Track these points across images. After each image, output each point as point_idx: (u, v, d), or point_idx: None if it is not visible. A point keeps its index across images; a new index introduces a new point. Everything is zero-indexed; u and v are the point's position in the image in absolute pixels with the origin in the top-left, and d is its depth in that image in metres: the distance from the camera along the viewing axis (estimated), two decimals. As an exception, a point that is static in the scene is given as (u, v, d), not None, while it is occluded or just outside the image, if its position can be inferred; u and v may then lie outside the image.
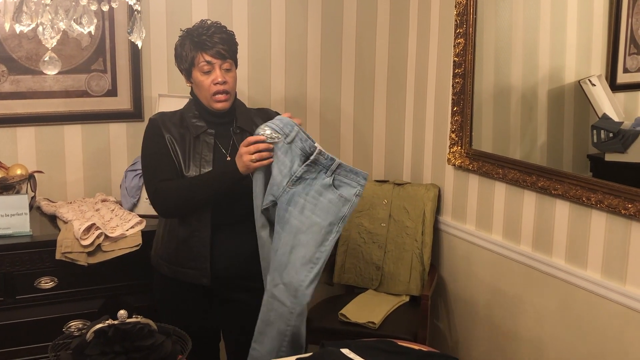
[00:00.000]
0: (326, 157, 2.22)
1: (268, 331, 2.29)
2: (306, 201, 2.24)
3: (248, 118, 2.49)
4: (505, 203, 2.99)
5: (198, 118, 2.43)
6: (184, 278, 2.44)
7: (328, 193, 2.23)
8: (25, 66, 2.95)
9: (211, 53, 2.35)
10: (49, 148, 3.04)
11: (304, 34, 3.39)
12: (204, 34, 2.36)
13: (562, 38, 2.84)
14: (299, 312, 2.26)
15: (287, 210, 2.25)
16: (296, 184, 2.25)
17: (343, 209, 2.24)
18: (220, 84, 2.36)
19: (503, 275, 3.01)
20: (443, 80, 3.30)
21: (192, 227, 2.40)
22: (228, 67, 2.38)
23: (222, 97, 2.38)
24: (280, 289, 2.26)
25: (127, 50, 3.08)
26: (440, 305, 3.44)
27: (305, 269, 2.24)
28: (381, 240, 3.35)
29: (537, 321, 2.85)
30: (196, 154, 2.39)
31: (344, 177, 2.24)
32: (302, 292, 2.24)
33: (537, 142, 2.96)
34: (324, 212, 2.23)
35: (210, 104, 2.40)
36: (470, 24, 3.06)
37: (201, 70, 2.36)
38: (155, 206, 2.40)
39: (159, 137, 2.40)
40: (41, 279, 2.65)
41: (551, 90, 2.87)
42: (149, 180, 2.41)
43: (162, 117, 2.46)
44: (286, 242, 2.24)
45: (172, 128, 2.41)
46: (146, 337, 1.81)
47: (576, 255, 2.66)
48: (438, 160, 3.39)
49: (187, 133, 2.41)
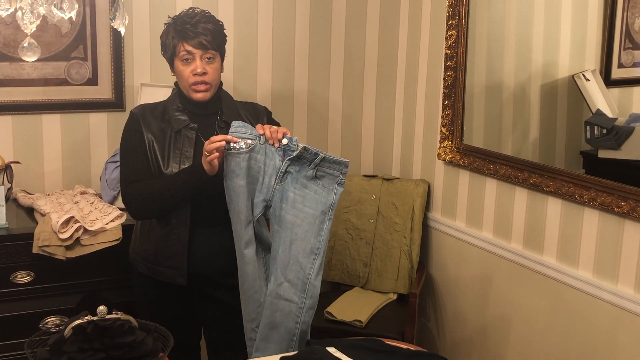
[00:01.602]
0: (310, 152, 2.22)
1: (274, 335, 2.28)
2: (295, 194, 2.25)
3: (234, 111, 2.47)
4: (496, 200, 3.00)
5: (181, 111, 2.42)
6: (160, 277, 2.43)
7: (312, 184, 2.25)
8: (2, 52, 2.92)
9: (192, 43, 2.33)
10: (27, 138, 3.02)
11: (292, 23, 3.38)
12: (188, 22, 2.34)
13: (556, 31, 2.85)
14: (309, 306, 2.28)
15: (281, 207, 2.26)
16: (284, 179, 2.25)
17: (329, 197, 2.26)
18: (199, 75, 2.34)
19: (493, 274, 3.02)
20: (434, 73, 3.30)
21: (170, 225, 2.39)
22: (210, 57, 2.36)
23: (201, 87, 2.37)
24: (285, 287, 2.26)
25: (109, 38, 3.06)
26: (429, 304, 3.45)
27: (309, 261, 2.26)
28: (369, 236, 3.36)
29: (527, 320, 2.86)
30: (176, 149, 2.38)
31: (327, 167, 2.25)
32: (311, 284, 2.26)
33: (529, 138, 2.97)
34: (313, 202, 2.25)
35: (190, 93, 2.39)
36: (463, 15, 3.06)
37: (181, 59, 2.35)
38: (127, 206, 2.40)
39: (137, 133, 2.39)
40: (17, 273, 2.63)
41: (544, 85, 2.89)
42: (121, 181, 2.43)
43: (142, 110, 2.44)
44: (285, 239, 2.25)
45: (152, 122, 2.40)
46: (126, 333, 1.79)
47: (568, 253, 2.67)
48: (428, 155, 3.39)
49: (168, 127, 2.40)
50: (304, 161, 2.24)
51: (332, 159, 2.25)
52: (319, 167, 2.24)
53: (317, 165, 2.24)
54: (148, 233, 2.46)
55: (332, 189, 2.27)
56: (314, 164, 2.23)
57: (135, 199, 2.37)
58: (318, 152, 2.23)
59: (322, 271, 2.29)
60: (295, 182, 2.25)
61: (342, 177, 2.27)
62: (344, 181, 2.27)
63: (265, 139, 2.25)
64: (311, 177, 2.25)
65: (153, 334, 1.86)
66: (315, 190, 2.25)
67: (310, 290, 2.26)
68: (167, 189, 2.33)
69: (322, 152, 2.24)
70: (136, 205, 2.38)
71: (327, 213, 2.26)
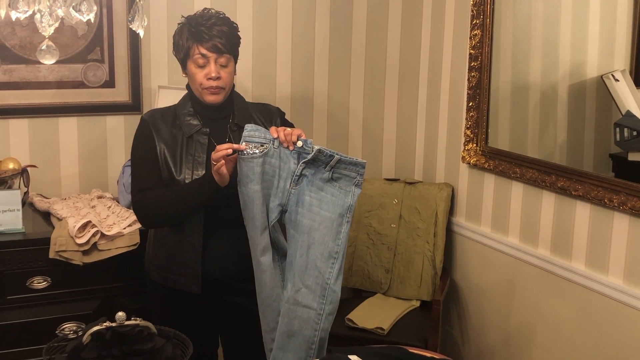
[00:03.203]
0: (325, 154, 2.22)
1: (292, 343, 2.27)
2: (311, 198, 2.25)
3: (246, 114, 2.49)
4: (522, 204, 2.99)
5: (192, 115, 2.43)
6: (174, 285, 2.45)
7: (329, 187, 2.25)
8: (19, 55, 2.97)
9: (207, 46, 2.33)
10: (43, 141, 3.06)
11: (312, 23, 3.40)
12: (203, 24, 2.34)
13: (584, 30, 2.85)
14: (329, 312, 2.27)
15: (297, 211, 2.26)
16: (299, 182, 2.26)
17: (347, 200, 2.25)
18: (214, 80, 2.36)
19: (519, 280, 3.02)
20: (458, 74, 3.30)
21: (183, 232, 2.41)
22: (224, 63, 2.37)
23: (214, 90, 2.38)
24: (304, 292, 2.26)
25: (126, 40, 3.10)
26: (453, 311, 3.45)
27: (328, 265, 2.25)
28: (391, 242, 3.36)
29: (554, 329, 2.85)
30: (189, 155, 2.39)
31: (343, 169, 2.25)
32: (330, 289, 2.26)
33: (556, 140, 2.96)
34: (330, 205, 2.25)
35: (202, 96, 2.40)
36: (488, 14, 3.06)
37: (195, 62, 2.35)
38: (137, 214, 2.43)
39: (148, 140, 2.41)
40: (34, 279, 2.67)
41: (572, 86, 2.88)
42: (132, 188, 2.45)
43: (153, 116, 2.46)
44: (302, 244, 2.25)
45: (163, 129, 2.42)
46: (145, 340, 1.82)
47: (597, 259, 2.66)
48: (452, 158, 3.39)
49: (180, 133, 2.41)
50: (319, 163, 2.24)
51: (348, 160, 2.25)
52: (335, 169, 2.24)
53: (332, 167, 2.23)
54: (161, 240, 2.47)
55: (350, 190, 2.26)
56: (329, 166, 2.23)
57: (145, 208, 2.39)
58: (333, 154, 2.23)
59: (341, 275, 2.28)
60: (311, 185, 2.25)
61: (359, 179, 2.26)
62: (361, 182, 2.27)
63: (279, 142, 2.26)
64: (327, 179, 2.25)
65: (172, 340, 1.89)
66: (332, 193, 2.25)
67: (330, 296, 2.26)
68: (177, 200, 2.34)
69: (337, 154, 2.24)
70: (145, 214, 2.40)
71: (345, 215, 2.26)
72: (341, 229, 2.26)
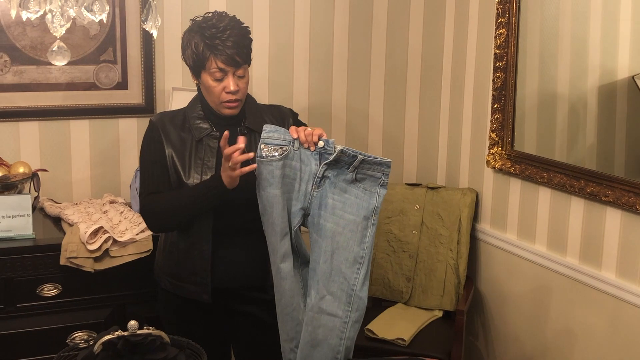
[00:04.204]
0: (348, 154, 2.21)
1: (316, 353, 2.26)
2: (335, 200, 2.24)
3: (258, 117, 2.48)
4: (550, 210, 2.97)
5: (203, 119, 2.43)
6: (184, 293, 2.45)
7: (352, 188, 2.23)
8: (30, 56, 2.99)
9: (224, 59, 2.31)
10: (54, 144, 3.08)
11: (331, 23, 3.40)
12: (218, 37, 2.30)
13: (614, 29, 2.82)
14: (355, 319, 2.25)
15: (320, 215, 2.24)
16: (321, 184, 2.25)
17: (372, 201, 2.23)
18: (233, 93, 2.36)
19: (546, 290, 2.99)
20: (482, 75, 3.29)
21: (192, 239, 2.41)
22: (241, 74, 2.36)
23: (232, 104, 2.38)
24: (328, 300, 2.24)
25: (139, 40, 3.11)
26: (477, 322, 3.43)
27: (353, 271, 2.23)
28: (412, 249, 3.35)
29: (583, 340, 2.83)
30: (198, 159, 2.39)
31: (368, 169, 2.23)
32: (356, 296, 2.24)
33: (586, 144, 2.94)
34: (354, 207, 2.23)
35: (219, 109, 2.40)
36: (513, 13, 3.04)
37: (212, 76, 2.34)
38: (145, 219, 2.43)
39: (157, 144, 2.41)
40: (44, 286, 2.68)
41: (602, 87, 2.85)
42: (140, 192, 2.45)
43: (162, 119, 2.45)
44: (326, 249, 2.23)
45: (172, 132, 2.42)
46: (158, 350, 1.82)
47: (628, 268, 2.63)
48: (476, 162, 3.38)
49: (189, 136, 2.41)
50: (342, 164, 2.22)
51: (373, 159, 2.22)
52: (359, 169, 2.22)
53: (356, 167, 2.21)
54: (170, 247, 2.48)
55: (375, 191, 2.23)
56: (352, 167, 2.21)
57: (152, 212, 2.39)
58: (357, 154, 2.21)
59: (368, 281, 2.27)
60: (334, 187, 2.24)
61: (384, 179, 2.23)
62: (386, 182, 2.24)
63: (299, 142, 2.24)
64: (351, 180, 2.23)
65: (186, 350, 1.88)
66: (356, 195, 2.23)
67: (356, 303, 2.24)
68: (183, 203, 2.34)
69: (361, 153, 2.22)
70: (153, 218, 2.40)
71: (370, 218, 2.23)
72: (367, 232, 2.24)
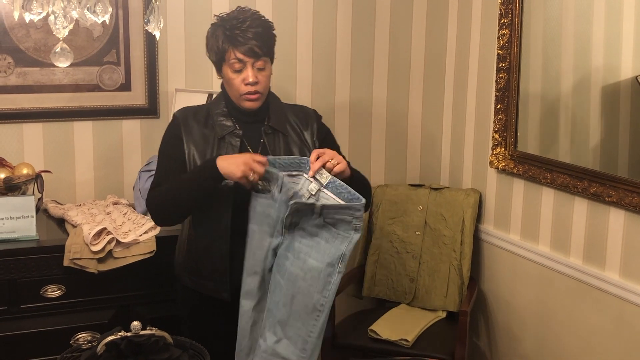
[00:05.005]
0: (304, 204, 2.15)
1: None
2: (301, 244, 2.19)
3: (282, 116, 2.48)
4: (553, 211, 2.97)
5: (226, 116, 2.44)
6: (205, 291, 2.46)
7: (323, 232, 2.18)
8: (33, 58, 3.00)
9: (243, 50, 2.32)
10: (58, 146, 3.09)
11: (333, 25, 3.41)
12: (238, 27, 2.33)
13: (617, 29, 2.82)
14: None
15: (286, 257, 2.21)
16: (291, 228, 2.21)
17: (341, 247, 2.16)
18: (252, 85, 2.36)
19: (550, 290, 2.99)
20: (485, 75, 3.29)
21: (210, 236, 2.42)
22: (261, 66, 2.37)
23: (252, 96, 2.38)
24: (284, 344, 2.21)
25: (143, 41, 3.12)
26: (481, 323, 3.43)
27: (312, 317, 2.19)
28: (416, 250, 3.35)
29: (587, 341, 2.83)
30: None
31: (334, 214, 2.16)
32: (312, 343, 2.20)
33: (589, 144, 2.94)
34: (320, 253, 2.17)
35: (240, 102, 2.40)
36: (516, 13, 3.05)
37: (232, 67, 2.35)
38: (149, 212, 2.44)
39: (177, 139, 2.42)
40: (48, 287, 2.69)
41: (605, 87, 2.85)
42: (150, 186, 2.46)
43: (185, 114, 2.46)
44: (287, 292, 2.20)
45: (194, 128, 2.42)
46: (161, 350, 1.83)
47: (632, 269, 2.63)
48: (479, 162, 3.38)
49: (212, 133, 2.42)
50: (306, 211, 2.17)
51: (336, 205, 2.16)
52: (324, 214, 2.16)
53: (320, 213, 2.16)
54: (189, 245, 2.49)
55: (348, 236, 2.16)
56: (316, 213, 2.16)
57: (153, 203, 2.40)
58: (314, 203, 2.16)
59: (324, 329, 2.21)
60: (303, 231, 2.19)
61: (356, 223, 2.15)
62: (359, 227, 2.16)
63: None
64: (321, 224, 2.17)
65: (189, 351, 1.89)
66: (327, 239, 2.17)
67: (310, 349, 2.20)
68: (179, 187, 2.33)
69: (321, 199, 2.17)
70: (153, 209, 2.41)
71: (336, 265, 2.16)
72: (330, 279, 2.17)
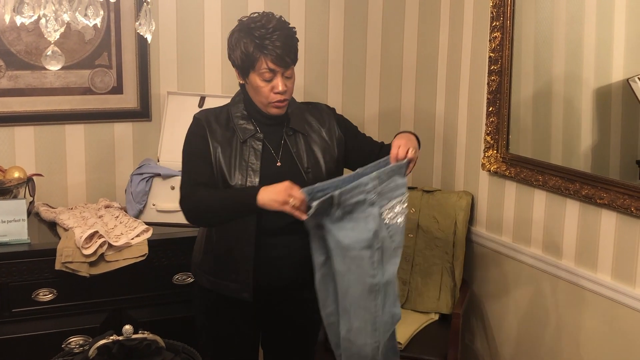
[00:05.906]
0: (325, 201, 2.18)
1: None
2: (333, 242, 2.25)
3: (301, 117, 2.51)
4: (545, 213, 2.98)
5: (246, 119, 2.45)
6: (225, 291, 2.47)
7: (346, 222, 2.23)
8: (25, 61, 3.00)
9: (274, 59, 2.33)
10: (49, 149, 3.08)
11: (326, 28, 3.41)
12: (267, 37, 2.33)
13: (609, 32, 2.84)
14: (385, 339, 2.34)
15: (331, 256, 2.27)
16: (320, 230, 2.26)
17: (368, 226, 2.23)
18: (281, 94, 2.38)
19: (542, 292, 3.00)
20: (477, 78, 3.30)
21: (235, 237, 2.42)
22: (290, 75, 2.39)
23: (281, 104, 2.41)
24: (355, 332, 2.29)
25: (134, 44, 3.12)
26: (473, 325, 3.43)
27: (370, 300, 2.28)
28: (408, 252, 3.35)
29: (580, 343, 2.83)
30: (242, 161, 2.40)
31: (349, 199, 2.21)
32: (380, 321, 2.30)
33: (581, 147, 2.95)
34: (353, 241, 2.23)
35: (267, 109, 2.42)
36: (508, 16, 3.06)
37: (262, 76, 2.36)
38: (183, 211, 2.42)
39: (202, 139, 2.42)
40: (39, 291, 2.69)
41: (597, 90, 2.87)
42: (183, 182, 2.45)
43: (207, 116, 2.47)
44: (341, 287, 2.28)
45: (217, 130, 2.43)
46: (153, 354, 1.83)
47: (624, 271, 2.64)
48: (471, 165, 3.39)
49: (234, 137, 2.43)
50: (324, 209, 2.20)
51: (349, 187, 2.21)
52: (341, 204, 2.20)
53: (338, 204, 2.20)
54: (210, 246, 2.49)
55: (369, 213, 2.23)
56: (334, 206, 2.21)
57: (199, 206, 2.39)
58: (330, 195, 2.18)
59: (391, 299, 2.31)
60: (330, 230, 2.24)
61: (369, 197, 2.22)
62: (373, 199, 2.22)
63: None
64: (341, 216, 2.22)
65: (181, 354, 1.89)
66: (352, 227, 2.23)
67: (382, 326, 2.30)
68: (217, 205, 2.36)
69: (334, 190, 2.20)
70: (193, 210, 2.40)
71: (373, 245, 2.24)
72: (373, 260, 2.25)
